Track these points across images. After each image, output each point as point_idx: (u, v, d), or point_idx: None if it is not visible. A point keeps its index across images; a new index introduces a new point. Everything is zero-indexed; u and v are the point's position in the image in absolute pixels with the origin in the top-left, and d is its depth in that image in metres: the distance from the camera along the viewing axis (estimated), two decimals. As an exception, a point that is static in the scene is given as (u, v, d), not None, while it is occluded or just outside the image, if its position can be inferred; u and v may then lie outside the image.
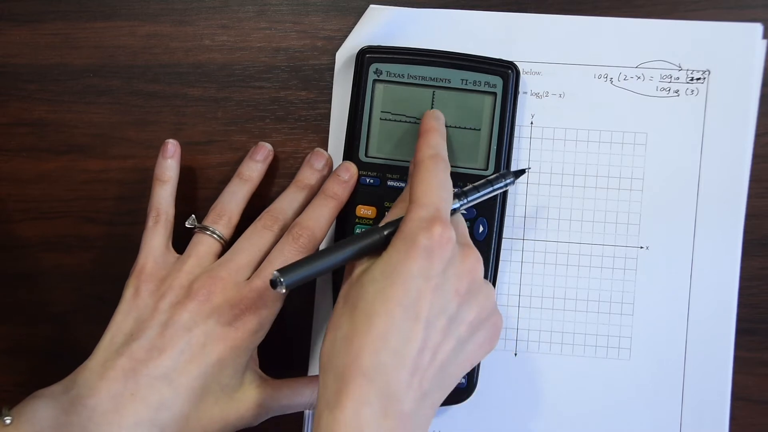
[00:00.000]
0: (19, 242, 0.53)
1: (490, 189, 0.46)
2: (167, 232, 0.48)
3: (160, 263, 0.47)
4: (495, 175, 0.46)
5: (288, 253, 0.45)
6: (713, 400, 0.50)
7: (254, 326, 0.44)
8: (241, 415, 0.45)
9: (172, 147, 0.49)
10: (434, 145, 0.44)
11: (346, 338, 0.39)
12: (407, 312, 0.38)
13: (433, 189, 0.41)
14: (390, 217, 0.44)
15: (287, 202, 0.48)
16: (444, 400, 0.42)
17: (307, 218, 0.47)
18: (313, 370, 0.52)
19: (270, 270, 0.45)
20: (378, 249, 0.42)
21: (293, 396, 0.46)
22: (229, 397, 0.44)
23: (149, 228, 0.48)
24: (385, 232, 0.42)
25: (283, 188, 0.49)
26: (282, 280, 0.40)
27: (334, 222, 0.49)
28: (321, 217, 0.47)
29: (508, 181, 0.46)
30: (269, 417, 0.46)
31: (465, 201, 0.45)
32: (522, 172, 0.47)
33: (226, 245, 0.48)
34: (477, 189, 0.45)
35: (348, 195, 0.48)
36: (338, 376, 0.38)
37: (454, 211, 0.44)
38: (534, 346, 0.51)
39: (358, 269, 0.42)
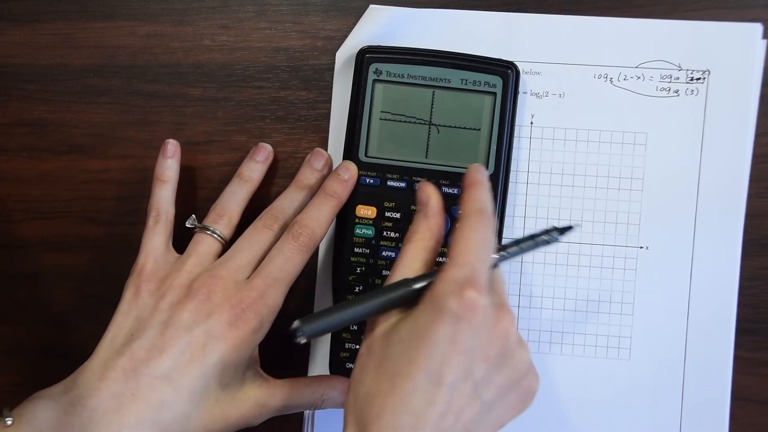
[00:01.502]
0: (19, 242, 0.53)
1: (533, 245, 0.43)
2: (167, 232, 0.48)
3: (161, 263, 0.47)
4: (540, 231, 0.44)
5: (288, 252, 0.45)
6: (713, 400, 0.50)
7: (255, 325, 0.44)
8: (243, 415, 0.45)
9: (172, 147, 0.50)
10: (481, 200, 0.41)
11: (368, 396, 0.38)
12: (430, 376, 0.37)
13: (473, 248, 0.39)
14: (408, 259, 0.42)
15: (287, 201, 0.48)
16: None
17: (307, 217, 0.47)
18: (313, 370, 0.52)
19: (270, 269, 0.45)
20: (406, 302, 0.40)
21: (294, 396, 0.46)
22: (231, 397, 0.44)
23: (149, 228, 0.48)
24: (415, 286, 0.40)
25: (283, 188, 0.49)
26: (303, 330, 0.39)
27: (334, 221, 0.49)
28: (321, 215, 0.47)
29: (553, 237, 0.43)
30: (270, 417, 0.46)
31: (503, 257, 0.42)
32: (569, 228, 0.44)
33: (227, 245, 0.48)
34: (518, 245, 0.43)
35: (348, 194, 0.48)
36: None
37: (491, 267, 0.41)
38: (534, 346, 0.51)
39: (384, 323, 0.40)
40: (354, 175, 0.49)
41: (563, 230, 0.44)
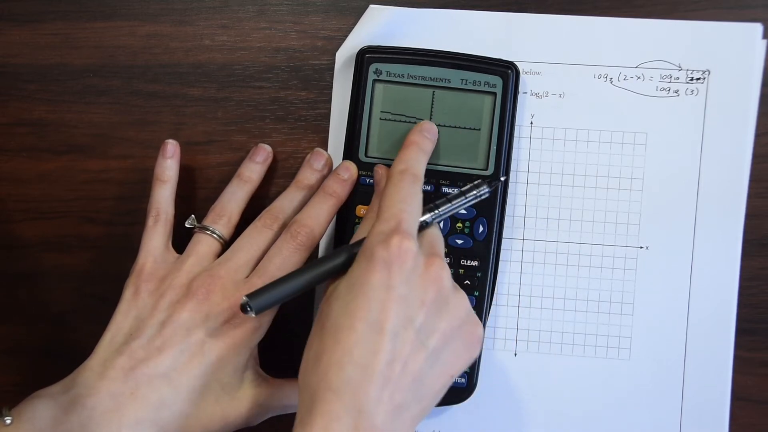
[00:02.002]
0: (19, 242, 0.53)
1: (463, 200, 0.45)
2: (167, 232, 0.48)
3: (160, 263, 0.47)
4: (468, 186, 0.46)
5: (286, 251, 0.45)
6: (713, 400, 0.50)
7: (253, 324, 0.44)
8: (242, 414, 0.45)
9: (172, 147, 0.50)
10: (406, 160, 0.45)
11: (315, 356, 0.39)
12: (371, 325, 0.38)
13: (396, 202, 0.42)
14: (358, 232, 0.44)
15: (287, 201, 0.48)
16: (443, 400, 0.42)
17: (306, 216, 0.47)
18: (313, 370, 0.52)
19: (269, 268, 0.45)
20: (348, 267, 0.42)
21: (293, 395, 0.46)
22: (230, 396, 0.44)
23: (149, 228, 0.48)
24: (354, 251, 0.42)
25: (283, 188, 0.49)
26: (251, 305, 0.41)
27: (334, 221, 0.49)
28: (320, 214, 0.47)
29: (483, 190, 0.46)
30: (270, 416, 0.46)
31: (437, 213, 0.44)
32: (497, 181, 0.47)
33: (226, 245, 0.48)
34: (449, 201, 0.45)
35: (347, 194, 0.48)
36: (309, 395, 0.38)
37: (426, 224, 0.44)
38: (534, 346, 0.51)
39: (330, 288, 0.42)
40: (354, 174, 0.49)
41: (491, 182, 0.46)
